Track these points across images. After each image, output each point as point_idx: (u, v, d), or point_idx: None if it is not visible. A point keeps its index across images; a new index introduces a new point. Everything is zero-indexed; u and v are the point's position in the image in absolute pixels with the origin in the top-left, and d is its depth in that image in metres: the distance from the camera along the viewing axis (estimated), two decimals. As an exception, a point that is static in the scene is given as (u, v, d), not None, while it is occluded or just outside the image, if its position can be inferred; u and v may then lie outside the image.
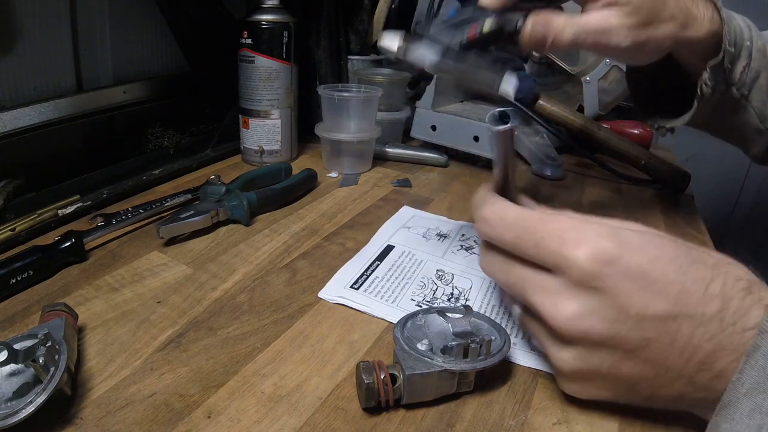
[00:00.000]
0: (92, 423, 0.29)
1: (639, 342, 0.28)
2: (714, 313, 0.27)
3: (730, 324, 0.27)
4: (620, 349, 0.28)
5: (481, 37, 0.41)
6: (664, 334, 0.27)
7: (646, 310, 0.27)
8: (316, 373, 0.34)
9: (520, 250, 0.32)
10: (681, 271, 0.28)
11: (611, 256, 0.28)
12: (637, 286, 0.28)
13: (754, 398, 0.24)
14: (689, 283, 0.28)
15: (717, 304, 0.27)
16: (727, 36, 0.46)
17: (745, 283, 0.28)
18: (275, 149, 0.71)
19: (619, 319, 0.28)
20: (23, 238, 0.48)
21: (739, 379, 0.25)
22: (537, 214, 0.32)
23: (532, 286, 0.31)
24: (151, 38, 0.77)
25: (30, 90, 0.62)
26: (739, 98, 0.51)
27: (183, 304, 0.41)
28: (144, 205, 0.53)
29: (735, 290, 0.27)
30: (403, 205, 0.61)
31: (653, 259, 0.28)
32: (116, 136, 0.75)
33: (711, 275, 0.28)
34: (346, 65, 0.83)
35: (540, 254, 0.30)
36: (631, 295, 0.28)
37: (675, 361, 0.28)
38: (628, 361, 0.28)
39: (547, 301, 0.30)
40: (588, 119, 0.78)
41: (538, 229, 0.31)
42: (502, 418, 0.32)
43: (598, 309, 0.28)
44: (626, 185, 0.76)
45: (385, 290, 0.44)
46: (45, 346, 0.29)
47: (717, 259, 0.29)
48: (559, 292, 0.29)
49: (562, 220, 0.31)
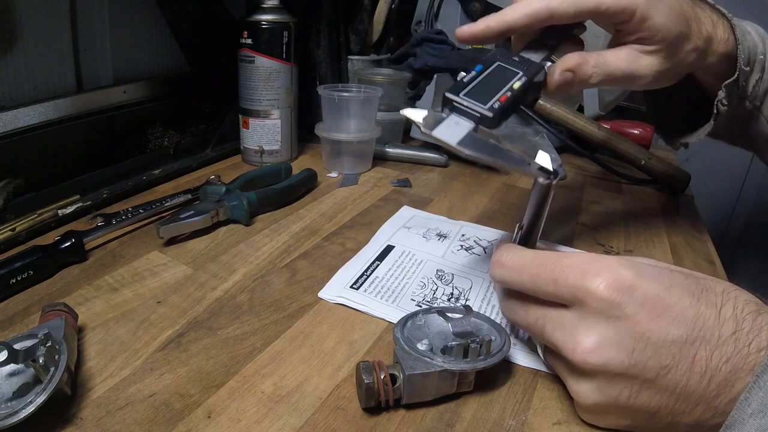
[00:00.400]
0: (92, 423, 0.29)
1: (659, 370, 0.28)
2: (729, 336, 0.27)
3: (745, 345, 0.27)
4: (640, 378, 0.28)
5: (513, 96, 0.36)
6: (682, 360, 0.28)
7: (666, 336, 0.28)
8: (316, 373, 0.34)
9: (538, 288, 0.32)
10: (694, 298, 0.28)
11: (630, 284, 0.28)
12: (655, 313, 0.28)
13: (759, 420, 0.24)
14: (703, 308, 0.28)
15: (731, 326, 0.27)
16: (742, 55, 0.46)
17: (754, 305, 0.28)
18: (275, 149, 0.71)
19: (638, 347, 0.28)
20: (23, 238, 0.48)
21: (746, 399, 0.25)
22: (553, 253, 0.32)
23: (550, 323, 0.31)
24: (151, 38, 0.77)
25: (30, 90, 0.61)
26: (751, 109, 0.51)
27: (183, 304, 0.41)
28: (144, 205, 0.53)
29: (746, 312, 0.28)
30: (403, 205, 0.61)
31: (668, 287, 0.29)
32: (116, 136, 0.75)
33: (722, 300, 0.29)
34: (346, 65, 0.83)
35: (558, 289, 0.31)
36: (649, 322, 0.28)
37: (694, 386, 0.28)
38: (648, 390, 0.28)
39: (567, 336, 0.30)
40: (588, 119, 0.78)
41: (557, 264, 0.31)
42: (502, 418, 0.32)
43: (617, 339, 0.28)
44: (626, 185, 0.76)
45: (385, 290, 0.44)
46: (45, 346, 0.29)
47: (724, 286, 0.30)
48: (578, 326, 0.30)
49: (580, 255, 0.31)
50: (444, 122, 0.35)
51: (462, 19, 0.93)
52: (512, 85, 0.37)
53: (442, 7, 0.95)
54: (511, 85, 0.37)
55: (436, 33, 0.86)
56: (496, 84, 0.37)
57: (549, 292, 0.31)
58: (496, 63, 0.38)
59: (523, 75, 0.37)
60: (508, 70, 0.38)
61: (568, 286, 0.30)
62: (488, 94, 0.36)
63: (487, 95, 0.36)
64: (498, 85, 0.37)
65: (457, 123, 0.35)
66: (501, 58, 0.39)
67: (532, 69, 0.38)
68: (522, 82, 0.37)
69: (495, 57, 0.39)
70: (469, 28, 0.41)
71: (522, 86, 0.37)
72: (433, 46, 0.85)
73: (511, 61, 0.39)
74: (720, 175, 1.14)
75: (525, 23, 0.39)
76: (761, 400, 0.25)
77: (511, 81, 0.37)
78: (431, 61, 0.82)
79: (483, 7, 0.90)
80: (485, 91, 0.36)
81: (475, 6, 0.91)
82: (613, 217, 0.64)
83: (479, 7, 0.91)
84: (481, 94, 0.36)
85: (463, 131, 0.35)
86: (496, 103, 0.35)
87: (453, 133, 0.34)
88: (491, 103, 0.35)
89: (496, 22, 0.40)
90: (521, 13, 0.39)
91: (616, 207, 0.68)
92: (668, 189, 0.75)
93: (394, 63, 0.89)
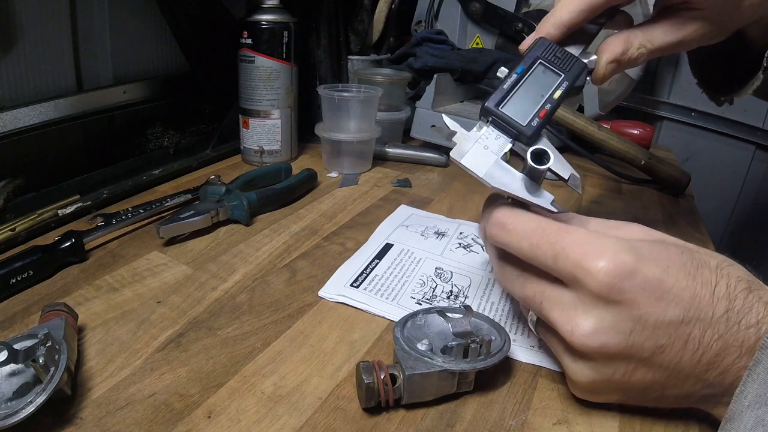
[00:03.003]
0: (92, 423, 0.29)
1: (654, 349, 0.29)
2: (721, 314, 0.28)
3: (735, 322, 0.28)
4: (635, 358, 0.29)
5: (553, 108, 0.35)
6: (677, 339, 0.28)
7: (663, 318, 0.28)
8: (316, 373, 0.34)
9: (537, 259, 0.31)
10: (690, 277, 0.29)
11: (630, 269, 0.28)
12: (654, 296, 0.28)
13: (756, 411, 0.25)
14: (699, 288, 0.28)
15: (724, 304, 0.28)
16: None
17: (745, 283, 0.29)
18: (275, 149, 0.71)
19: (635, 329, 0.28)
20: (23, 238, 0.48)
21: (743, 392, 0.26)
22: (555, 224, 0.32)
23: (548, 300, 0.31)
24: (151, 38, 0.77)
25: (30, 90, 0.61)
26: None
27: (183, 304, 0.41)
28: (144, 205, 0.53)
29: (738, 290, 0.28)
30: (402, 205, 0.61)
31: (666, 268, 0.29)
32: (116, 136, 0.75)
33: (716, 277, 0.29)
34: (346, 65, 0.83)
35: (558, 266, 0.30)
36: (648, 305, 0.28)
37: (686, 363, 0.28)
38: (642, 368, 0.29)
39: (564, 316, 0.30)
40: (588, 119, 0.78)
41: (558, 239, 0.30)
42: (502, 418, 0.32)
43: (615, 322, 0.29)
44: (626, 185, 0.76)
45: (385, 288, 0.44)
46: (45, 346, 0.29)
47: (718, 261, 0.30)
48: (576, 308, 0.30)
49: (581, 232, 0.31)
50: (471, 150, 0.34)
51: (462, 19, 0.93)
52: (553, 94, 0.35)
53: (442, 7, 0.94)
54: (551, 95, 0.35)
55: (436, 33, 0.86)
56: (537, 92, 0.36)
57: (548, 266, 0.31)
58: (538, 62, 0.36)
59: (565, 79, 0.36)
60: (550, 71, 0.36)
61: (567, 266, 0.30)
62: (528, 106, 0.35)
63: (527, 107, 0.35)
64: (539, 94, 0.35)
65: (486, 148, 0.35)
66: (544, 54, 0.36)
67: (574, 70, 0.36)
68: (563, 89, 0.36)
69: (537, 53, 0.36)
70: (526, 41, 0.38)
71: (563, 94, 0.36)
72: (433, 46, 0.85)
73: (554, 59, 0.36)
74: (720, 175, 1.14)
75: (581, 20, 0.36)
76: (756, 391, 0.25)
77: (552, 89, 0.36)
78: (431, 61, 0.82)
79: (483, 7, 0.90)
80: (525, 102, 0.35)
81: (475, 6, 0.91)
82: (613, 217, 0.63)
83: (479, 7, 0.91)
84: (520, 105, 0.35)
85: (490, 160, 0.34)
86: (535, 120, 0.35)
87: (480, 163, 0.34)
88: (530, 119, 0.35)
89: (554, 26, 0.37)
90: (576, 8, 0.36)
91: (616, 207, 0.68)
92: (668, 189, 0.75)
93: (394, 63, 0.89)
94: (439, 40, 0.86)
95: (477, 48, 0.94)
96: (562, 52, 0.37)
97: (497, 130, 0.35)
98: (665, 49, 0.37)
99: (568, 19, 0.36)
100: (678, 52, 0.40)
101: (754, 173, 1.12)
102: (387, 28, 0.90)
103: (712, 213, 1.11)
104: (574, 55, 0.37)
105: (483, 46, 0.94)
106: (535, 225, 0.32)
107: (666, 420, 0.32)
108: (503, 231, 0.33)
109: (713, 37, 0.38)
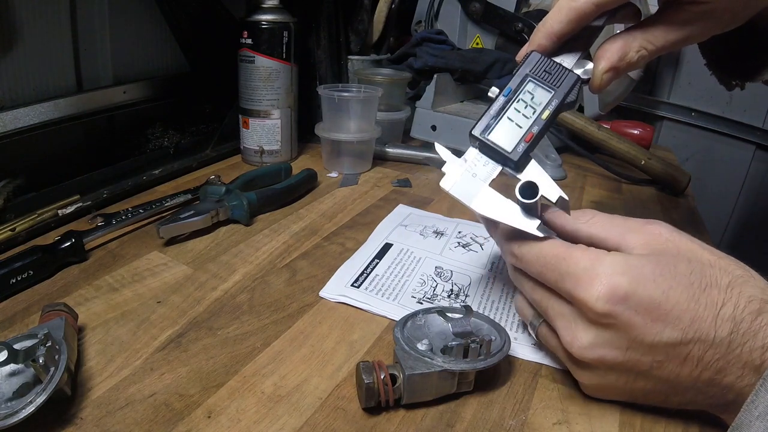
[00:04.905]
0: (92, 423, 0.29)
1: (651, 364, 0.29)
2: (724, 336, 0.28)
3: (739, 345, 0.28)
4: (634, 371, 0.30)
5: (541, 130, 0.35)
6: (675, 357, 0.29)
7: (659, 339, 0.28)
8: (316, 373, 0.34)
9: (545, 281, 0.33)
10: (694, 299, 0.28)
11: (623, 294, 0.29)
12: (650, 318, 0.28)
13: (765, 422, 0.25)
14: (701, 310, 0.28)
15: (728, 327, 0.28)
16: None
17: (756, 304, 0.28)
18: (275, 149, 0.71)
19: (632, 347, 0.29)
20: (23, 238, 0.48)
21: (753, 402, 0.26)
22: (556, 250, 0.32)
23: (553, 309, 0.33)
24: (151, 38, 0.77)
25: (30, 90, 0.61)
26: None
27: (183, 304, 0.41)
28: (144, 205, 0.53)
29: (746, 312, 0.28)
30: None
31: (666, 290, 0.29)
32: (116, 136, 0.75)
33: (723, 299, 0.28)
34: (346, 65, 0.83)
35: (560, 289, 0.32)
36: (643, 327, 0.29)
37: (686, 378, 0.29)
38: (642, 379, 0.30)
39: (566, 328, 0.32)
40: (588, 119, 0.78)
41: (557, 266, 0.32)
42: (502, 418, 0.32)
43: (611, 340, 0.30)
44: (626, 185, 0.76)
45: (386, 288, 0.44)
46: (45, 346, 0.29)
47: (732, 278, 0.29)
48: (576, 322, 0.31)
49: (576, 257, 0.31)
50: (460, 179, 0.35)
51: (462, 19, 0.93)
52: (541, 114, 0.35)
53: (442, 7, 0.95)
54: (539, 115, 0.35)
55: (436, 33, 0.86)
56: (525, 114, 0.35)
57: (554, 287, 0.32)
58: (528, 80, 0.36)
59: (554, 97, 0.35)
60: (540, 89, 0.36)
61: (566, 290, 0.31)
62: (515, 130, 0.35)
63: (514, 131, 0.35)
64: (526, 116, 0.35)
65: (475, 176, 0.35)
66: (533, 70, 0.36)
67: (565, 85, 0.35)
68: (552, 108, 0.35)
69: (526, 69, 0.36)
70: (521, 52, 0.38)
71: (551, 114, 0.35)
72: (433, 46, 0.85)
73: (544, 74, 0.36)
74: (720, 175, 1.14)
75: (572, 28, 0.35)
76: (767, 403, 0.25)
77: (540, 108, 0.35)
78: (431, 61, 0.82)
79: (483, 7, 0.90)
80: (512, 126, 0.35)
81: (475, 6, 0.91)
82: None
83: (479, 7, 0.91)
84: (507, 129, 0.35)
85: (478, 188, 0.35)
86: (521, 145, 0.34)
87: (467, 191, 0.35)
88: (516, 144, 0.35)
89: (545, 37, 0.36)
90: (565, 18, 0.35)
91: (616, 207, 0.68)
92: (668, 189, 0.75)
93: (394, 63, 0.89)
94: (439, 40, 0.86)
95: (477, 48, 0.94)
96: (553, 65, 0.36)
97: (485, 156, 0.36)
98: (668, 47, 0.36)
99: (559, 29, 0.35)
100: (685, 46, 0.39)
101: (754, 173, 1.12)
102: (387, 28, 0.90)
103: (712, 213, 1.11)
104: (566, 67, 0.36)
105: (483, 46, 0.94)
106: (537, 254, 0.33)
107: (666, 420, 0.32)
108: (516, 260, 0.35)
109: (725, 26, 0.36)
